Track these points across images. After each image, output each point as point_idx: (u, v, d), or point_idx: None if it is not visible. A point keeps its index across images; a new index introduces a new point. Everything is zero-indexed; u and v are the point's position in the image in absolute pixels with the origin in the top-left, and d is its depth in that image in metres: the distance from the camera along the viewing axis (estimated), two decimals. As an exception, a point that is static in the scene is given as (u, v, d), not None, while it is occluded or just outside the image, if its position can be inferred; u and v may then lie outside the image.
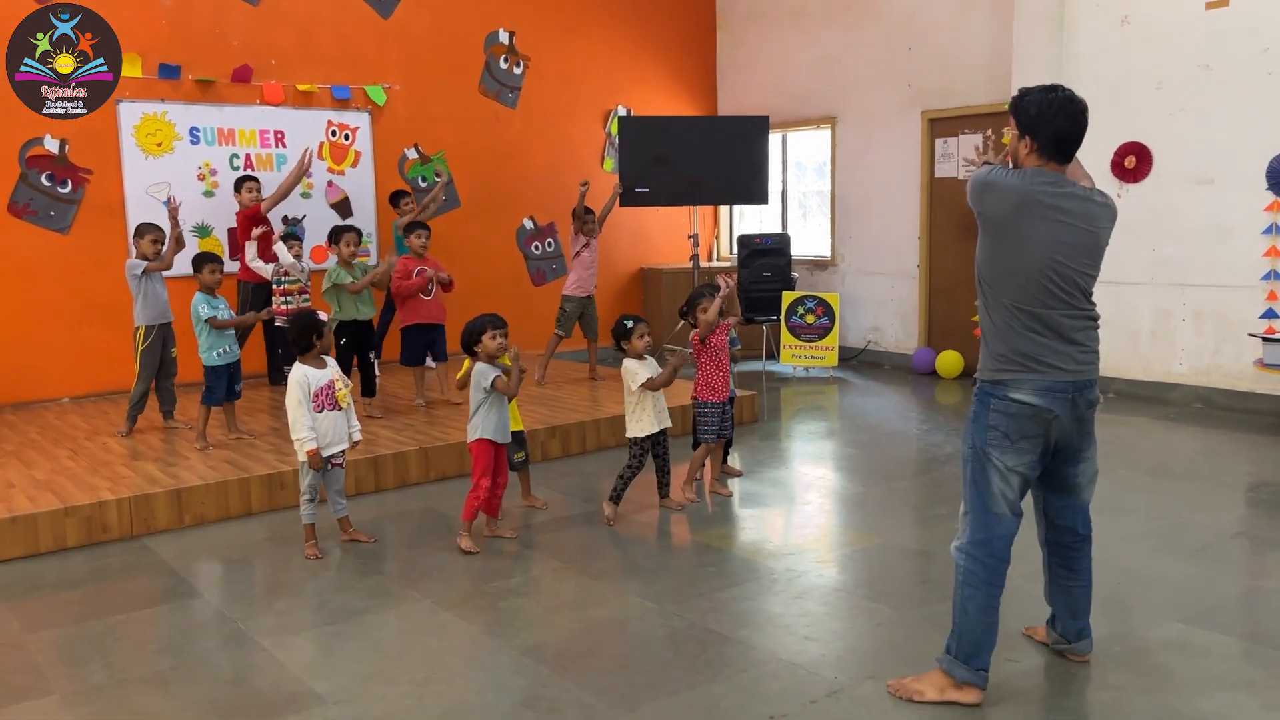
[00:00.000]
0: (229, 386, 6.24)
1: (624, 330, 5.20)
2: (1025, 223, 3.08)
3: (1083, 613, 3.47)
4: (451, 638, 3.88)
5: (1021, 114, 3.19)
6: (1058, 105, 3.13)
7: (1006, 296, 3.13)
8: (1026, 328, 3.12)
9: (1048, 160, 3.17)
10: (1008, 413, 3.14)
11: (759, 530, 5.16)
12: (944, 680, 3.26)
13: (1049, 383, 3.12)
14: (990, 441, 3.17)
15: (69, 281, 7.97)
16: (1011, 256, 3.11)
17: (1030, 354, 3.12)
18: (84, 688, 3.53)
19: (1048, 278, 3.08)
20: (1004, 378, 3.15)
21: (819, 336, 9.58)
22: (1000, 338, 3.17)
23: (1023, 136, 3.19)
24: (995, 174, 3.15)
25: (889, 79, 9.74)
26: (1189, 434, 6.89)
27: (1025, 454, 3.16)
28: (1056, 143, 3.14)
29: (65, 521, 5.00)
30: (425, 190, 9.19)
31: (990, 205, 3.13)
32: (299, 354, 4.82)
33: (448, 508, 5.52)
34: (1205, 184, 7.54)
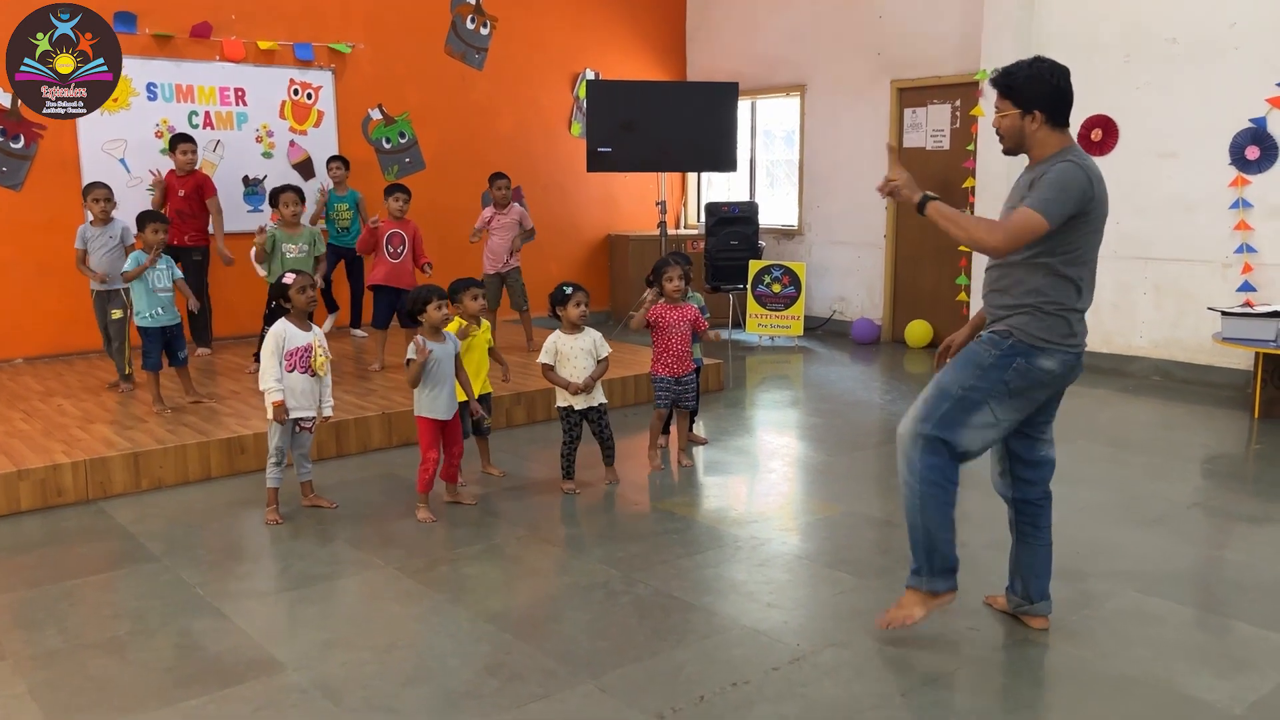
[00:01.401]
0: (171, 352, 6.14)
1: (561, 296, 5.07)
2: (1096, 207, 3.17)
3: (1044, 572, 3.54)
4: (414, 604, 3.86)
5: (1022, 90, 3.21)
6: (1055, 72, 3.21)
7: (1079, 270, 3.21)
8: (1077, 298, 3.24)
9: (1058, 127, 3.21)
10: (1025, 374, 3.23)
11: (723, 498, 5.17)
12: (925, 595, 3.40)
13: (1073, 353, 3.26)
14: (996, 393, 3.24)
15: (22, 240, 7.78)
16: (1089, 237, 3.20)
17: (1073, 326, 3.25)
18: (38, 652, 3.47)
19: (1095, 253, 3.25)
20: (1043, 345, 3.22)
21: (785, 306, 9.59)
22: (1052, 306, 3.21)
23: (1029, 112, 3.21)
24: (1070, 175, 3.11)
25: (859, 47, 9.70)
26: (1148, 406, 6.99)
27: (1018, 410, 3.28)
28: (1064, 106, 3.21)
29: (19, 484, 4.90)
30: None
31: (1087, 194, 3.13)
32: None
33: (410, 474, 5.46)
34: (1170, 158, 7.59)
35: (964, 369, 3.30)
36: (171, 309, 6.15)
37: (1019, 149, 3.30)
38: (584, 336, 5.10)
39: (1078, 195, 3.11)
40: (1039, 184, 3.14)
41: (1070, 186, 3.11)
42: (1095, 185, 3.15)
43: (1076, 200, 3.11)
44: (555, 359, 5.06)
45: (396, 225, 7.22)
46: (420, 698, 3.15)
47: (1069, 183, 3.11)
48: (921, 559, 3.38)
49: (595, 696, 3.14)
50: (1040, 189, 3.12)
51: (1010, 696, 3.16)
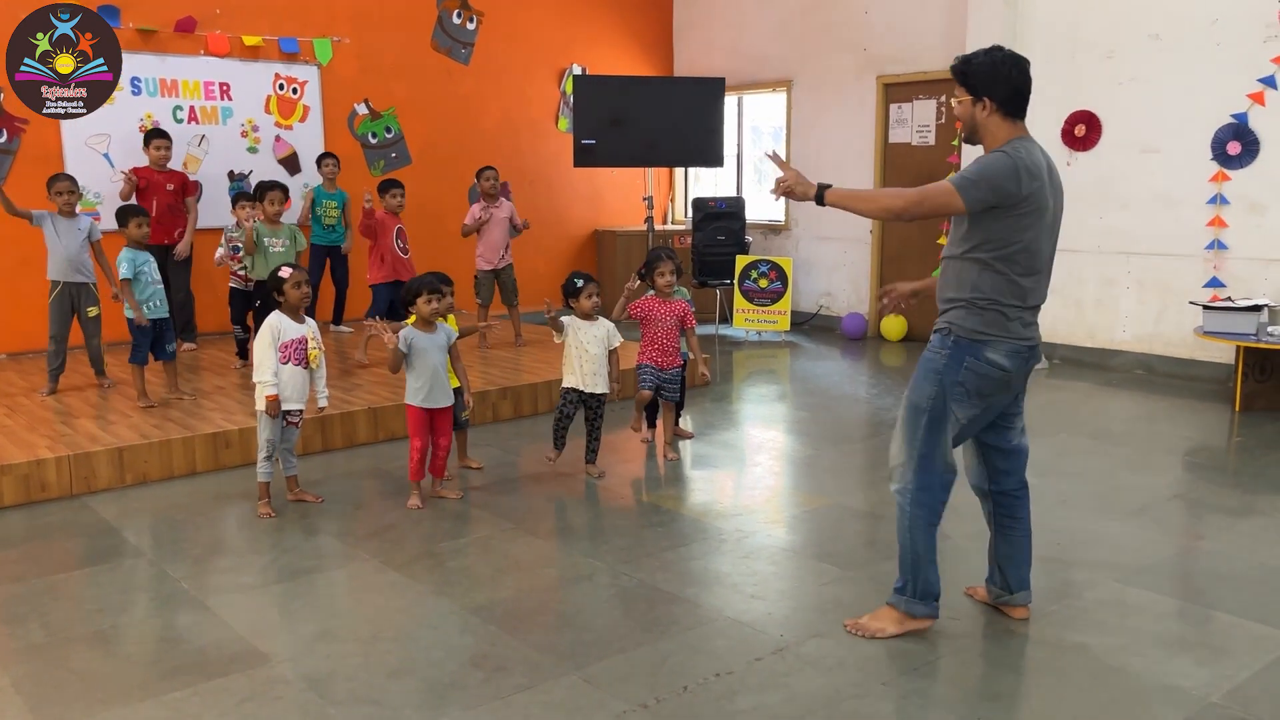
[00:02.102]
0: (160, 346, 6.12)
1: (573, 288, 5.17)
2: (1025, 201, 3.13)
3: (1024, 562, 3.57)
4: (399, 597, 3.87)
5: (973, 77, 3.23)
6: (1010, 62, 3.19)
7: (1011, 266, 3.18)
8: (1015, 294, 3.21)
9: (1009, 117, 3.22)
10: (978, 371, 3.23)
11: (709, 492, 5.19)
12: (902, 615, 3.40)
13: (1020, 346, 3.24)
14: (954, 396, 3.26)
15: (4, 234, 7.72)
16: (1021, 232, 3.16)
17: (1011, 321, 3.22)
18: (22, 647, 3.47)
19: (1044, 246, 3.22)
20: (983, 338, 3.22)
21: (772, 301, 9.61)
22: (985, 302, 3.21)
23: (980, 99, 3.22)
24: (996, 163, 3.12)
25: (845, 43, 9.72)
26: (1130, 399, 7.04)
27: (978, 408, 3.28)
28: (1015, 97, 3.20)
29: (1, 480, 4.89)
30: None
31: (1009, 187, 3.11)
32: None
33: (396, 468, 5.48)
34: (1152, 153, 7.64)
35: (924, 379, 3.33)
36: (163, 303, 6.13)
37: (973, 137, 3.32)
38: (598, 325, 5.21)
39: (997, 184, 3.09)
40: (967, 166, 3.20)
41: (991, 174, 3.10)
42: (1024, 177, 3.11)
43: (993, 188, 3.09)
44: (569, 335, 5.15)
45: (399, 221, 7.27)
46: (405, 689, 3.15)
47: (991, 170, 3.12)
48: (907, 576, 3.40)
49: (580, 687, 3.15)
50: (965, 170, 3.17)
51: (990, 686, 3.19)
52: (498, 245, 7.95)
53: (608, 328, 5.24)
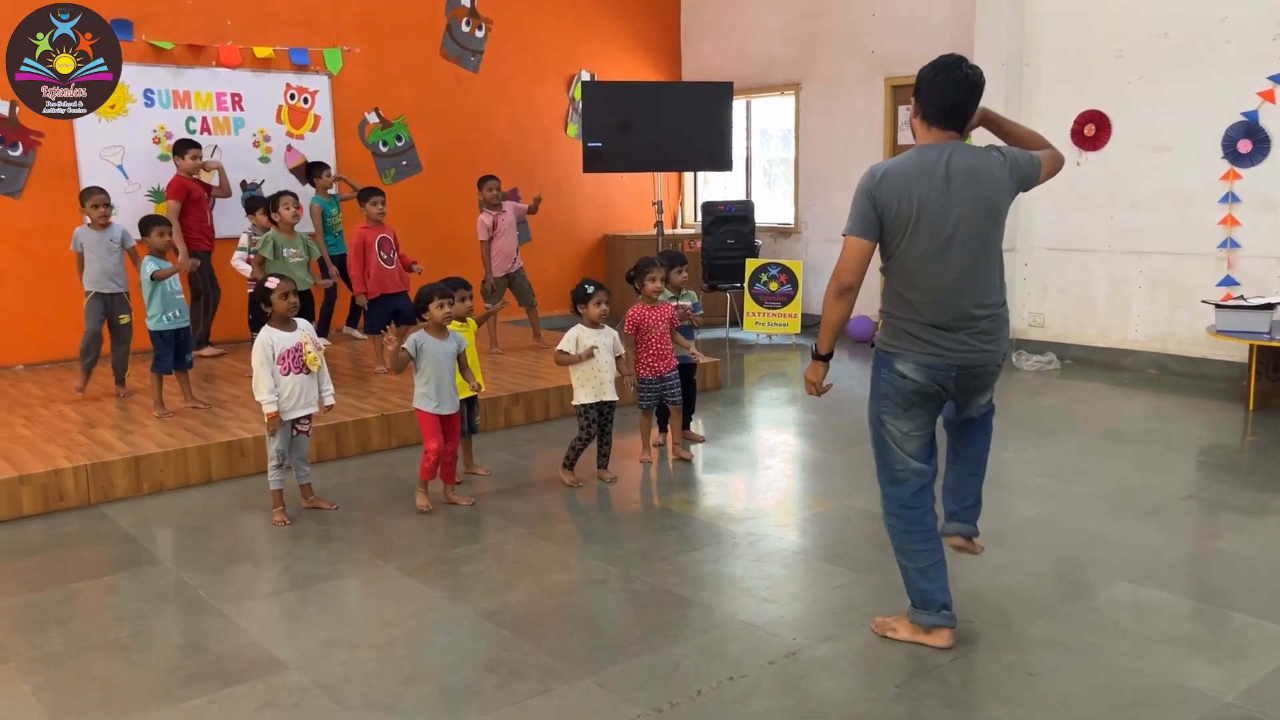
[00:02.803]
0: (178, 355, 6.17)
1: (583, 295, 5.18)
2: (887, 208, 3.12)
3: (968, 498, 3.51)
4: (413, 603, 3.89)
5: (917, 84, 3.26)
6: (944, 70, 3.17)
7: (896, 279, 3.20)
8: (907, 309, 3.20)
9: (931, 125, 3.20)
10: (893, 383, 3.25)
11: (720, 495, 5.21)
12: (913, 626, 3.40)
13: (931, 360, 3.18)
14: (883, 407, 3.29)
15: (21, 246, 7.82)
16: (890, 243, 3.17)
17: (914, 336, 3.20)
18: (41, 655, 3.51)
19: (930, 260, 3.14)
20: (891, 349, 3.24)
21: (782, 304, 9.61)
22: (886, 314, 3.26)
23: (914, 100, 3.27)
24: (857, 188, 3.17)
25: (853, 45, 9.73)
26: (1143, 399, 7.02)
27: (912, 420, 3.27)
28: (940, 111, 3.18)
29: (21, 489, 4.94)
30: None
31: (863, 206, 3.15)
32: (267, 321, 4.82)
33: (409, 475, 5.51)
34: (1163, 152, 7.62)
35: (870, 390, 3.38)
36: (184, 313, 6.18)
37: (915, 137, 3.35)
38: (604, 333, 5.22)
39: (858, 200, 3.16)
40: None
41: (855, 194, 3.17)
42: (880, 184, 3.11)
43: (858, 207, 3.15)
44: (575, 348, 5.14)
45: (382, 230, 7.17)
46: (420, 695, 3.18)
47: (857, 191, 3.18)
48: (907, 587, 3.42)
49: (593, 692, 3.17)
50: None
51: (1003, 688, 3.19)
52: (509, 251, 7.99)
53: (613, 335, 5.27)
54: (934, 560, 3.35)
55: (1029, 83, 8.29)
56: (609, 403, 5.24)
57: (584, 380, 5.19)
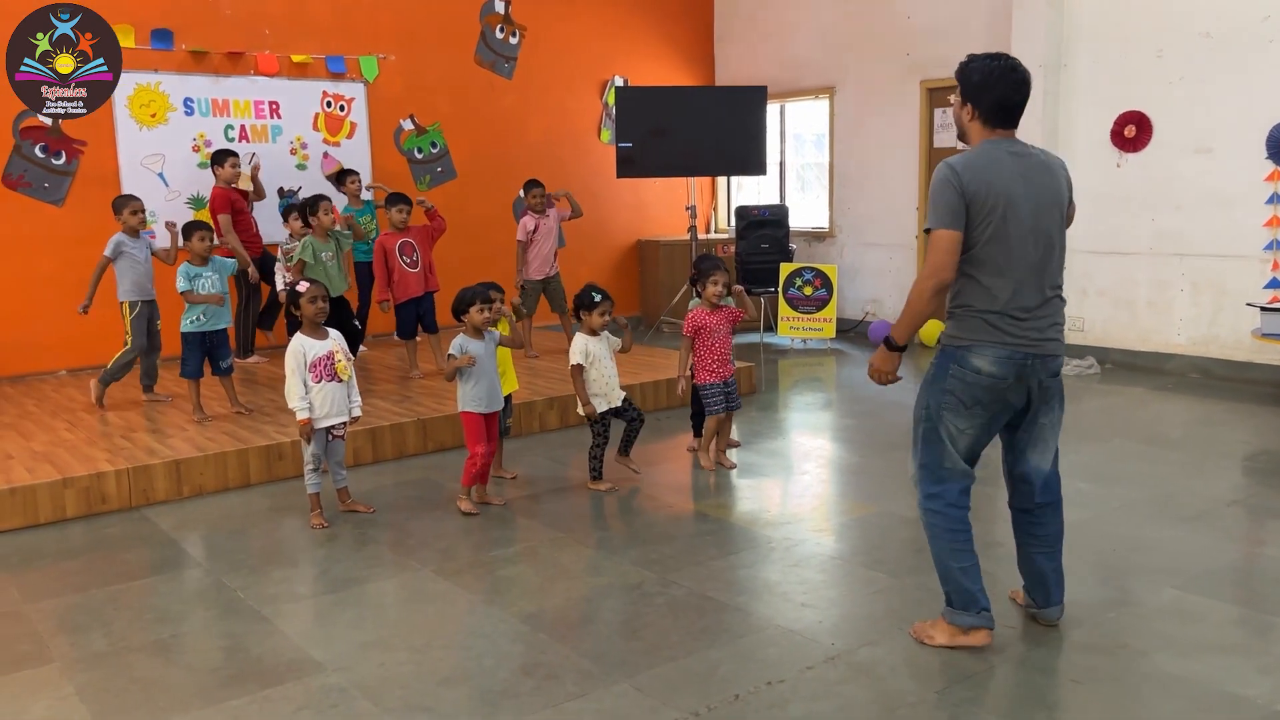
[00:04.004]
0: (214, 361, 6.21)
1: (589, 302, 5.15)
2: (973, 200, 3.11)
3: (1049, 578, 3.48)
4: (450, 605, 3.90)
5: (965, 81, 3.24)
6: (1000, 73, 3.18)
7: (978, 269, 3.16)
8: (986, 299, 3.17)
9: (991, 127, 3.22)
10: (964, 379, 3.20)
11: (756, 500, 5.18)
12: (951, 628, 3.35)
13: (1011, 351, 3.17)
14: (946, 404, 3.25)
15: (63, 254, 7.94)
16: (975, 232, 3.15)
17: (992, 326, 3.17)
18: (84, 655, 3.55)
19: (1014, 245, 3.14)
20: (965, 343, 3.20)
21: (817, 308, 9.56)
22: (961, 309, 3.21)
23: (965, 103, 3.25)
24: (934, 182, 3.17)
25: (888, 48, 9.67)
26: (1186, 404, 6.90)
27: (977, 418, 3.24)
28: (997, 109, 3.20)
29: (64, 492, 5.01)
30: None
31: (948, 197, 3.13)
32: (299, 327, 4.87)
33: (445, 478, 5.53)
34: (1205, 153, 7.51)
35: (922, 388, 3.34)
36: (215, 316, 6.20)
37: (963, 137, 3.34)
38: (603, 339, 5.23)
39: (943, 193, 3.13)
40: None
41: (935, 189, 3.16)
42: (963, 176, 3.11)
43: (944, 200, 3.12)
44: (588, 360, 5.12)
45: (403, 235, 7.21)
46: (458, 697, 3.18)
47: (934, 186, 3.17)
48: (945, 587, 3.37)
49: (631, 696, 3.15)
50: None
51: (1046, 694, 3.14)
52: (547, 256, 8.07)
53: (608, 336, 5.26)
54: (974, 560, 3.33)
55: (1067, 85, 8.20)
56: (623, 405, 5.25)
57: (593, 389, 5.17)
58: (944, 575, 3.35)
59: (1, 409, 6.74)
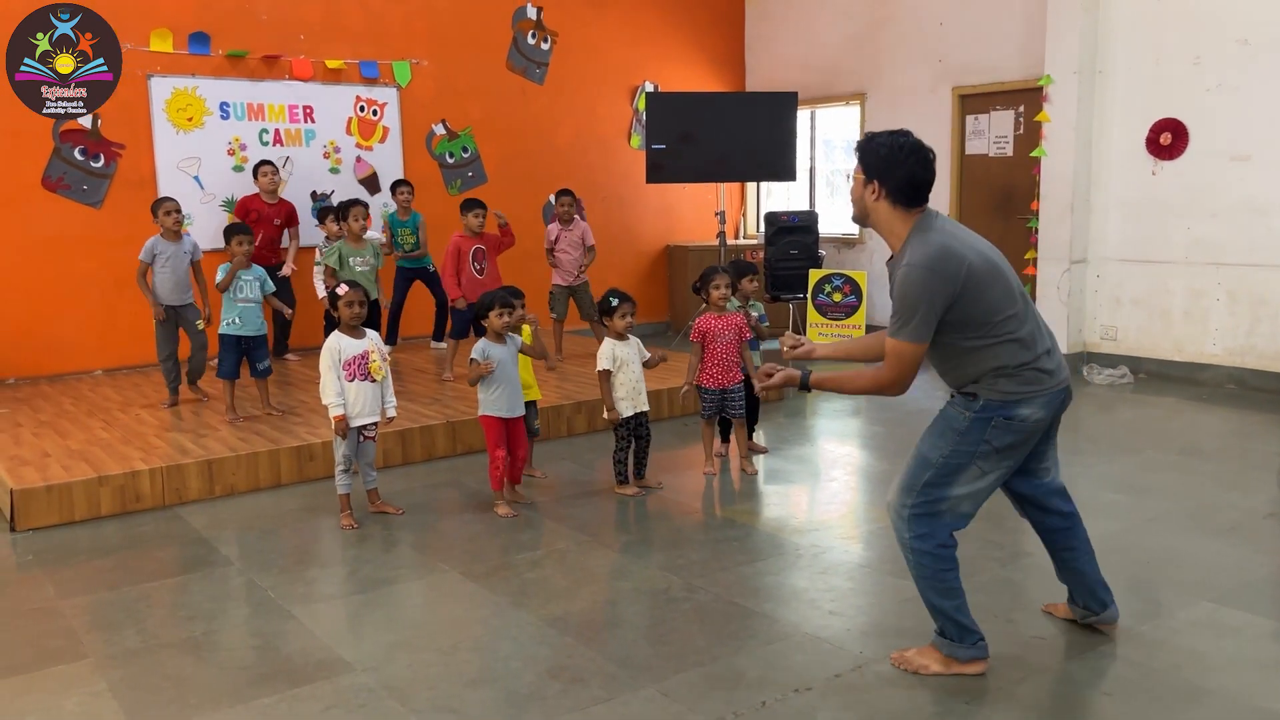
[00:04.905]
0: (251, 363, 6.27)
1: (608, 307, 5.17)
2: (966, 280, 3.02)
3: (1098, 583, 3.47)
4: (477, 608, 3.92)
5: (869, 157, 3.16)
6: (908, 151, 3.10)
7: (1010, 332, 3.08)
8: (1028, 357, 3.10)
9: (899, 205, 3.12)
10: (1009, 429, 3.12)
11: (784, 506, 5.16)
12: (946, 659, 3.27)
13: (1057, 391, 3.15)
14: (980, 453, 3.14)
15: (101, 255, 8.06)
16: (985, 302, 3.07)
17: (1043, 372, 3.11)
18: (117, 652, 3.59)
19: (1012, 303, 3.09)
20: (1015, 397, 3.10)
21: (846, 315, 9.53)
22: (1008, 370, 3.10)
23: (869, 181, 3.15)
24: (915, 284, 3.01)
25: (919, 54, 9.63)
26: (1221, 415, 6.81)
27: (1008, 460, 3.19)
28: (907, 186, 3.10)
29: (99, 490, 5.08)
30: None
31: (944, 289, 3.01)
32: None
33: (474, 481, 5.56)
34: (1242, 161, 7.41)
35: (941, 435, 3.18)
36: (253, 320, 6.25)
37: (862, 219, 3.25)
38: (631, 343, 5.24)
39: (927, 296, 2.97)
40: (894, 301, 3.09)
41: (915, 294, 2.99)
42: (944, 269, 2.96)
43: (926, 303, 2.98)
44: (615, 365, 5.13)
45: (477, 241, 7.27)
46: (484, 699, 3.19)
47: (908, 292, 3.00)
48: (939, 621, 3.28)
49: (657, 700, 3.15)
50: (894, 311, 3.07)
51: (1077, 708, 3.11)
52: (572, 264, 8.09)
53: (637, 343, 5.28)
54: (963, 595, 3.24)
55: (1102, 91, 8.13)
56: (642, 412, 5.25)
57: (618, 393, 5.18)
58: (935, 611, 3.26)
59: (39, 407, 6.84)
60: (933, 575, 3.22)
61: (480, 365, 4.85)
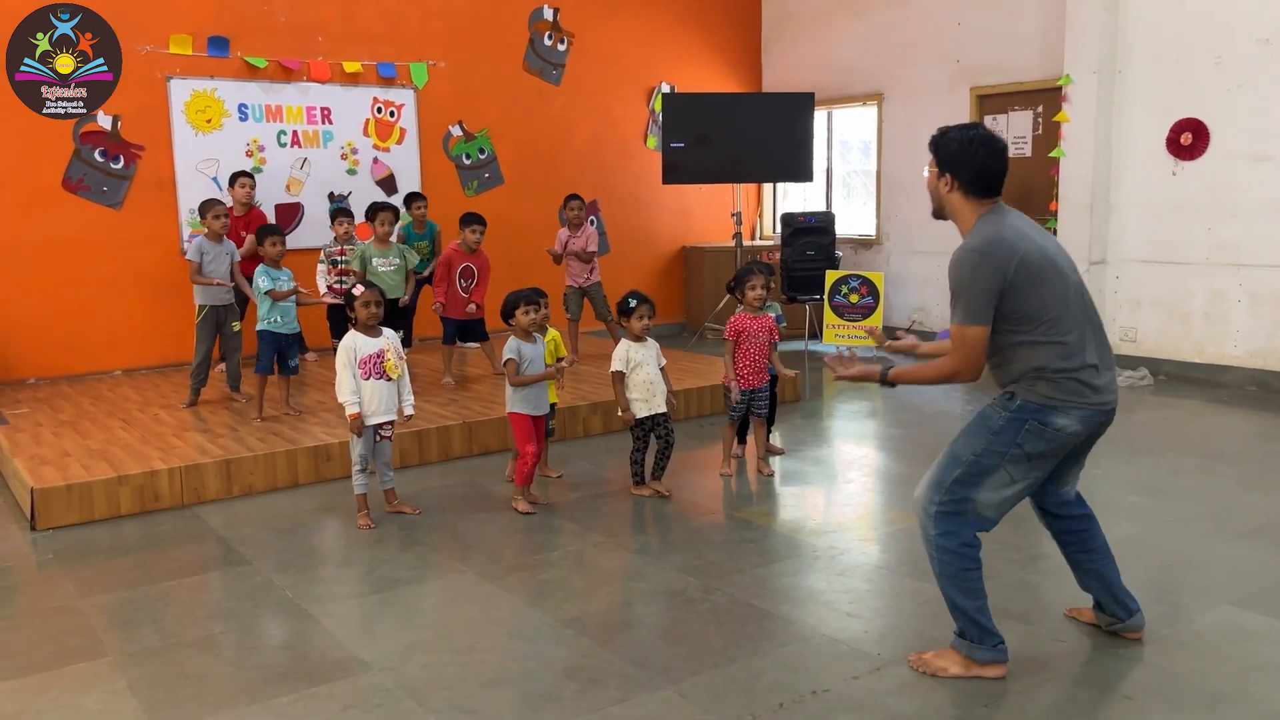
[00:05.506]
0: (282, 360, 6.33)
1: (626, 308, 5.18)
2: (1017, 272, 3.04)
3: (1120, 588, 3.44)
4: (494, 608, 3.92)
5: (941, 151, 3.21)
6: (979, 143, 3.15)
7: (1059, 335, 3.07)
8: (1076, 364, 3.09)
9: (972, 196, 3.17)
10: (1042, 435, 3.11)
11: (800, 508, 5.15)
12: (965, 660, 3.26)
13: (1100, 411, 3.12)
14: (1011, 457, 3.13)
15: (121, 256, 8.11)
16: (1037, 299, 3.08)
17: (1088, 385, 3.09)
18: (136, 650, 3.61)
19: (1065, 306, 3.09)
20: (1053, 403, 3.09)
21: (863, 316, 9.48)
22: (1050, 374, 3.09)
23: (943, 174, 3.21)
24: (966, 270, 3.07)
25: (937, 55, 9.59)
26: (1243, 417, 6.75)
27: (1037, 470, 3.17)
28: (979, 180, 3.15)
29: (119, 490, 5.11)
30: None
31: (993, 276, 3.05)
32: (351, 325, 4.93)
33: (490, 481, 5.57)
34: (1264, 161, 7.35)
35: (975, 433, 3.20)
36: (291, 319, 6.34)
37: (939, 211, 3.29)
38: (649, 345, 5.24)
39: (973, 284, 3.04)
40: (950, 289, 3.14)
41: (962, 280, 3.07)
42: (996, 255, 3.03)
43: (981, 287, 3.03)
44: (628, 366, 5.13)
45: (469, 259, 7.23)
46: (501, 699, 3.19)
47: (961, 276, 3.08)
48: (960, 622, 3.26)
49: (674, 702, 3.15)
50: (951, 298, 3.12)
51: (1099, 710, 3.08)
52: (579, 267, 8.10)
53: (655, 347, 5.28)
54: (985, 597, 3.24)
55: (1121, 91, 8.07)
56: (662, 413, 5.23)
57: (634, 394, 5.18)
58: (956, 611, 3.25)
59: (60, 407, 6.89)
60: (956, 573, 3.20)
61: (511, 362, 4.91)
